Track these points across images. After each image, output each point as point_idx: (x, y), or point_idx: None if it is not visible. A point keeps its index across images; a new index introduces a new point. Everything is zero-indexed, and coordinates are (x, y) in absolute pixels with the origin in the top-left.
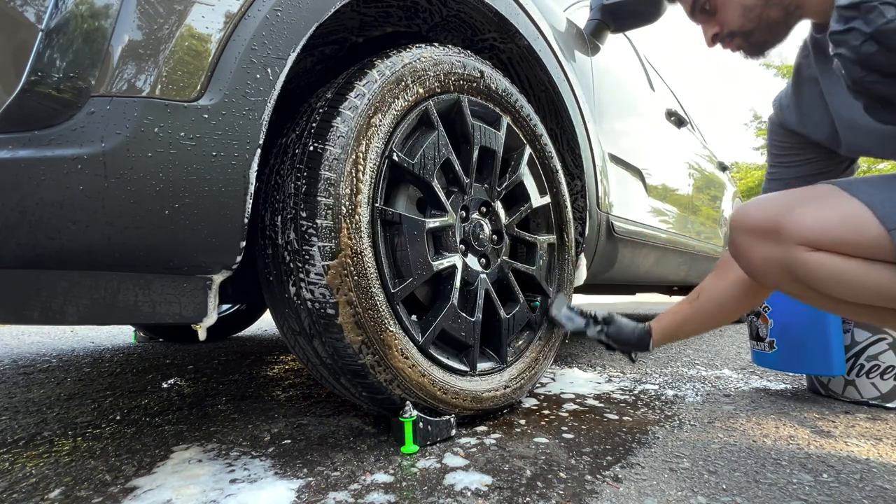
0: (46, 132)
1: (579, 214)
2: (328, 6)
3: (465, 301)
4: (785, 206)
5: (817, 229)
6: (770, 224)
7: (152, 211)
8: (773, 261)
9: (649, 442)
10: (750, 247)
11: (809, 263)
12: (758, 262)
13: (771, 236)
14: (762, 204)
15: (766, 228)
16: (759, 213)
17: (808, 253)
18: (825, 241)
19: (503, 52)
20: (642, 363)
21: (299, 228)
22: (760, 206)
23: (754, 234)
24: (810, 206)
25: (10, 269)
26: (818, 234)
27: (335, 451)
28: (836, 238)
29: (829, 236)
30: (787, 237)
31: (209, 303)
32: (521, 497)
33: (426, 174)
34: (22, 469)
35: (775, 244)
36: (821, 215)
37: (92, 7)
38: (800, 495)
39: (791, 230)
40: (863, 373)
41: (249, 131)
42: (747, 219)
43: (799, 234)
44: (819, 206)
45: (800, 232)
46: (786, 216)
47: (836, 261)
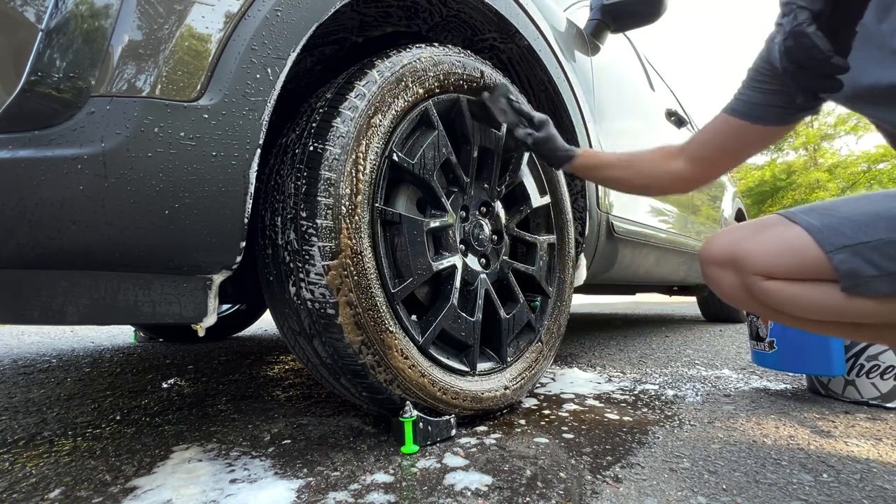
0: (46, 132)
1: (579, 214)
2: (328, 6)
3: (465, 301)
4: (738, 238)
5: (766, 259)
6: (728, 256)
7: (152, 211)
8: (739, 289)
9: (649, 442)
10: (717, 278)
11: (767, 291)
12: (727, 291)
13: (731, 267)
14: (721, 237)
15: (726, 260)
16: (718, 247)
17: (765, 282)
18: (775, 269)
19: (503, 52)
20: (642, 363)
21: (299, 228)
22: (719, 240)
23: (718, 265)
24: (758, 237)
25: (10, 269)
26: (768, 263)
27: (335, 451)
28: (783, 265)
29: (777, 264)
30: (744, 269)
31: (209, 303)
32: (521, 497)
33: (426, 174)
34: (22, 469)
35: (736, 274)
36: (768, 245)
37: (92, 7)
38: (800, 495)
39: (746, 262)
40: (863, 373)
41: (249, 131)
42: (710, 252)
43: (752, 265)
44: (766, 236)
45: (752, 263)
46: (739, 248)
47: (789, 286)
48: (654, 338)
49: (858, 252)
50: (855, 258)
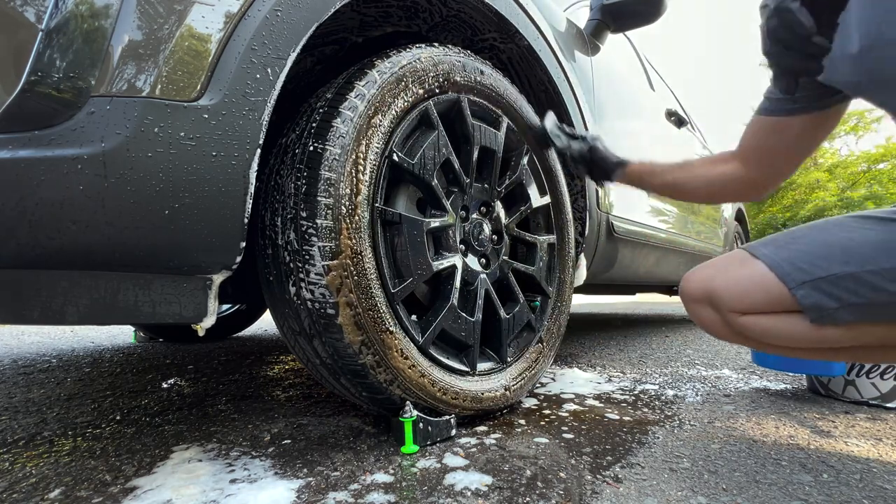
0: (46, 132)
1: (579, 214)
2: (328, 6)
3: (465, 301)
4: (710, 276)
5: (736, 297)
6: (704, 294)
7: (152, 211)
8: (720, 324)
9: (649, 442)
10: (699, 314)
11: (744, 326)
12: (710, 328)
13: (709, 304)
14: (695, 275)
15: (703, 298)
16: (694, 285)
17: (741, 317)
18: (746, 306)
19: (503, 52)
20: (642, 363)
21: (299, 228)
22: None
23: (697, 303)
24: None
25: (10, 269)
26: (740, 300)
27: (335, 451)
28: (754, 302)
29: (748, 301)
30: (719, 307)
31: (209, 303)
32: (521, 497)
33: (426, 174)
34: (22, 469)
35: (715, 311)
36: (738, 283)
37: (92, 7)
38: (800, 495)
39: (719, 300)
40: (863, 373)
41: (249, 131)
42: (688, 290)
43: (726, 303)
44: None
45: (726, 301)
46: (712, 286)
47: (763, 319)
48: (654, 338)
49: (818, 286)
50: (816, 292)
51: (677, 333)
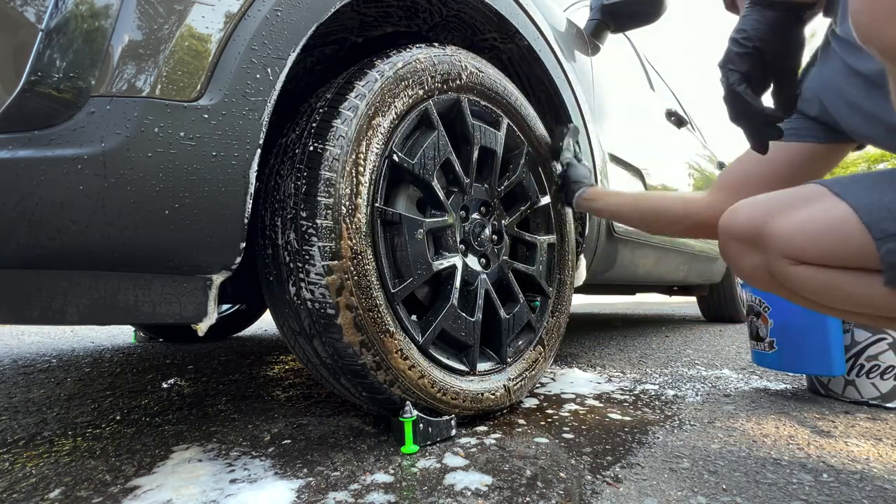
0: (46, 132)
1: (579, 214)
2: (328, 6)
3: (465, 301)
4: (768, 211)
5: (801, 241)
6: (755, 232)
7: (152, 211)
8: (761, 270)
9: (649, 442)
10: (738, 255)
11: (794, 277)
12: (748, 272)
13: (757, 245)
14: (747, 208)
15: (752, 236)
16: (743, 220)
17: (793, 267)
18: (810, 253)
19: (503, 52)
20: (642, 363)
21: (299, 228)
22: (745, 211)
23: (740, 241)
24: (794, 214)
25: (10, 269)
26: (802, 245)
27: (335, 451)
28: (820, 250)
29: (813, 249)
30: (771, 249)
31: (209, 303)
32: (521, 497)
33: (426, 174)
34: (22, 469)
35: (761, 254)
36: (804, 224)
37: (92, 7)
38: (800, 495)
39: (775, 242)
40: (863, 373)
41: (249, 131)
42: (732, 225)
43: (783, 246)
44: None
45: (783, 244)
46: (769, 225)
47: (821, 274)
48: (654, 338)
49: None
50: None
51: (677, 333)
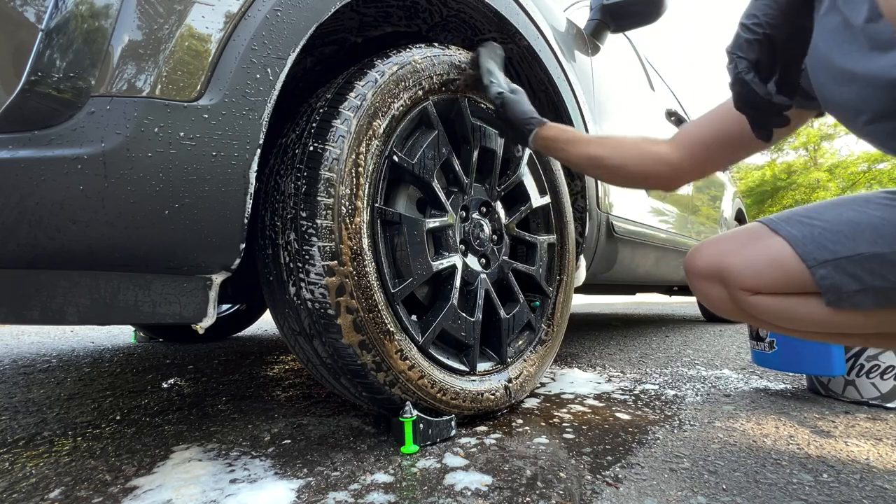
0: (46, 132)
1: (579, 214)
2: (328, 6)
3: (465, 301)
4: (722, 251)
5: (750, 275)
6: (714, 270)
7: (152, 211)
8: (728, 302)
9: (649, 442)
10: (705, 291)
11: (753, 306)
12: (717, 305)
13: (718, 281)
14: (705, 249)
15: (712, 274)
16: (703, 261)
17: (751, 297)
18: (761, 284)
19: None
20: (642, 363)
21: (299, 229)
22: (704, 252)
23: (706, 280)
24: (743, 252)
25: (10, 269)
26: (752, 279)
27: (335, 451)
28: (768, 280)
29: (762, 280)
30: (730, 283)
31: (209, 303)
32: (521, 497)
33: (426, 174)
34: (22, 469)
35: (724, 288)
36: (751, 261)
37: (92, 7)
38: (800, 495)
39: (731, 278)
40: (863, 373)
41: (249, 131)
42: (695, 266)
43: (738, 280)
44: (750, 250)
45: (738, 278)
46: (724, 262)
47: (776, 300)
48: (654, 338)
49: (840, 267)
50: (837, 273)
51: (677, 333)
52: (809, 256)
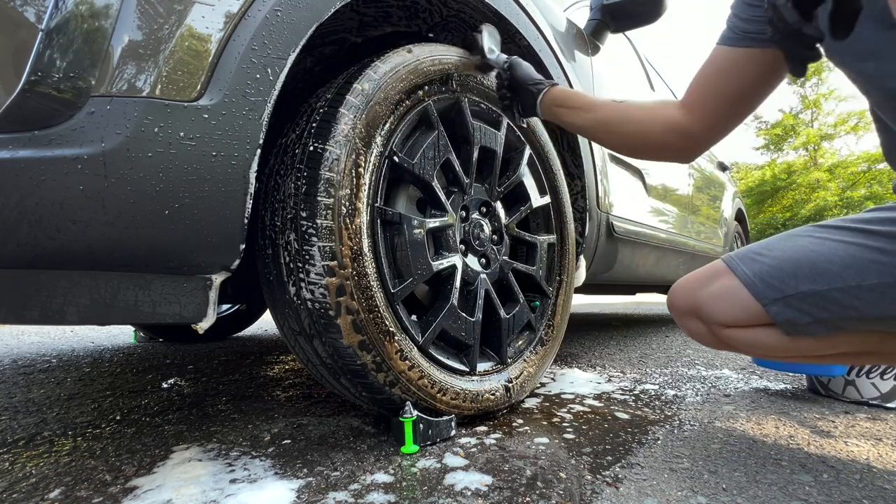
0: (46, 132)
1: (579, 215)
2: (328, 6)
3: (465, 301)
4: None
5: (718, 312)
6: (690, 308)
7: (152, 211)
8: (708, 336)
9: (649, 442)
10: (687, 326)
11: (727, 338)
12: (699, 337)
13: (695, 317)
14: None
15: (689, 311)
16: (680, 299)
17: (725, 329)
18: (729, 320)
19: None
20: (642, 363)
21: (299, 229)
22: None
23: (684, 316)
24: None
25: (10, 269)
26: (720, 315)
27: (335, 451)
28: (734, 316)
29: (729, 315)
30: (705, 320)
31: (209, 303)
32: (521, 497)
33: (426, 174)
34: (22, 469)
35: (702, 323)
36: (717, 299)
37: (92, 7)
38: (800, 495)
39: (703, 315)
40: (863, 373)
41: (249, 131)
42: (674, 304)
43: (709, 317)
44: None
45: (709, 316)
46: (695, 301)
47: (746, 332)
48: (654, 338)
49: (790, 303)
50: (788, 309)
51: (677, 333)
52: (762, 295)
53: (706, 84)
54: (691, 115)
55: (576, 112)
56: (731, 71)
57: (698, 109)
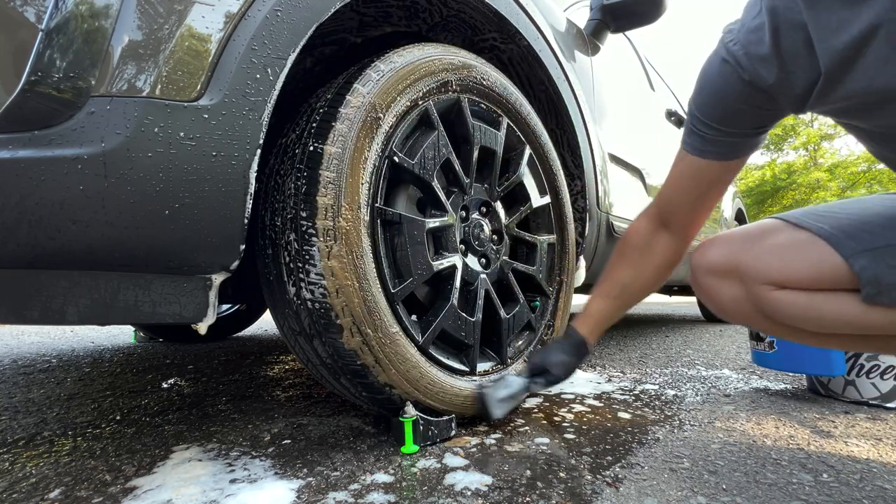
0: (46, 132)
1: (579, 215)
2: (328, 6)
3: (465, 301)
4: (741, 245)
5: (776, 267)
6: (730, 265)
7: (152, 211)
8: (742, 300)
9: (649, 442)
10: (716, 288)
11: (776, 302)
12: (727, 304)
13: (734, 276)
14: (718, 244)
15: (728, 270)
16: (717, 255)
17: (774, 292)
18: (788, 278)
19: (504, 53)
20: (642, 363)
21: (299, 229)
22: (717, 247)
23: (718, 275)
24: (766, 244)
25: (10, 269)
26: (777, 271)
27: (335, 451)
28: (796, 273)
29: (791, 273)
30: (750, 278)
31: (209, 303)
32: (521, 497)
33: (426, 174)
34: (22, 469)
35: (740, 285)
36: (774, 254)
37: (92, 7)
38: (800, 495)
39: (752, 271)
40: (863, 373)
41: (249, 131)
42: (706, 261)
43: (761, 274)
44: (774, 242)
45: (761, 272)
46: (745, 256)
47: (802, 297)
48: (654, 338)
49: (880, 256)
50: (876, 263)
51: (677, 333)
52: (844, 247)
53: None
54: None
55: (611, 315)
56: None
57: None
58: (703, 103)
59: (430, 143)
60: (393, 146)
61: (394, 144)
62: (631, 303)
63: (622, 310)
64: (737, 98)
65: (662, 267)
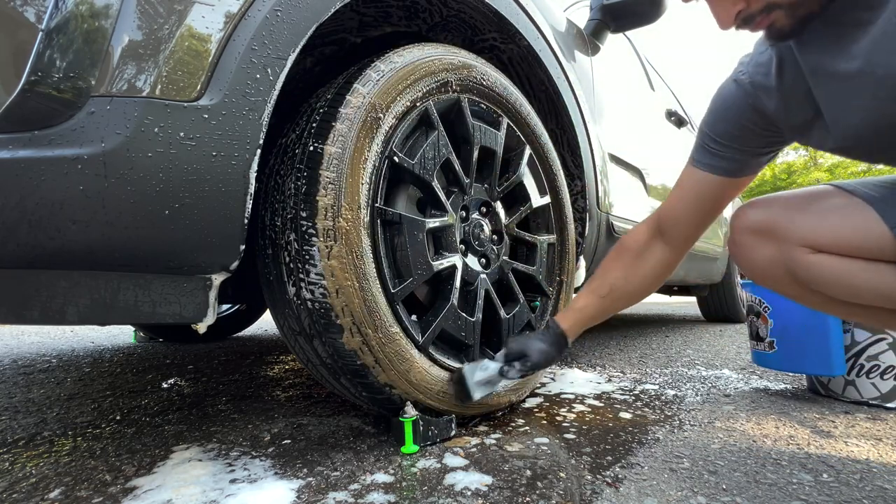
0: (46, 132)
1: (579, 215)
2: (328, 6)
3: (465, 301)
4: (786, 207)
5: (820, 230)
6: (771, 225)
7: (152, 211)
8: (776, 262)
9: (649, 442)
10: (752, 247)
11: (812, 265)
12: (760, 263)
13: (772, 237)
14: (762, 205)
15: (768, 229)
16: (759, 214)
17: (811, 255)
18: (828, 242)
19: (504, 53)
20: (642, 363)
21: (299, 229)
22: (760, 207)
23: (756, 235)
24: (813, 207)
25: (10, 269)
26: (820, 235)
27: (335, 451)
28: (839, 239)
29: (831, 237)
30: (789, 239)
31: (209, 303)
32: (521, 497)
33: (426, 174)
34: (22, 469)
35: (777, 246)
36: (823, 216)
37: (92, 7)
38: (800, 495)
39: (793, 232)
40: (863, 373)
41: (249, 131)
42: (748, 220)
43: (801, 235)
44: (821, 206)
45: (802, 234)
46: (786, 217)
47: (838, 262)
48: (654, 338)
49: None
50: None
51: (677, 333)
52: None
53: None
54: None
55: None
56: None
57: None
58: (714, 121)
59: (430, 143)
60: (393, 146)
61: (394, 144)
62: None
63: (606, 312)
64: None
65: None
